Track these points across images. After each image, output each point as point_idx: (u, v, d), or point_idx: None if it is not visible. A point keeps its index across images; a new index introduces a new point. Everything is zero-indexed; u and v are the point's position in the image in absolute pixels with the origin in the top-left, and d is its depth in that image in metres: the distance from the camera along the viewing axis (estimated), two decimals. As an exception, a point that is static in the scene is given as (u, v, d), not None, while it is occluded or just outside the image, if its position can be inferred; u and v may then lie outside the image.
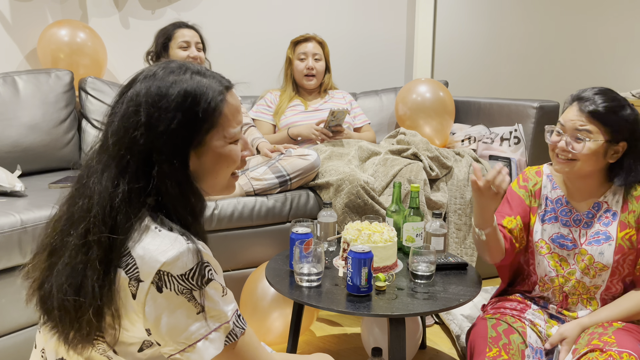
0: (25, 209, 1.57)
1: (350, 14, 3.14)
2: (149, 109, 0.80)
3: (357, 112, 2.70)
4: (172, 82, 0.83)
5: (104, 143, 0.83)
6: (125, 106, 0.82)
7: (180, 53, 2.26)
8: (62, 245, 0.80)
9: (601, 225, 1.35)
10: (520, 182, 1.49)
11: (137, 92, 0.82)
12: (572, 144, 1.29)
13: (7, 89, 2.10)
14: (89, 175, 0.82)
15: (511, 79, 3.43)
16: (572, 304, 1.40)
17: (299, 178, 2.05)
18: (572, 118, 1.30)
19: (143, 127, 0.80)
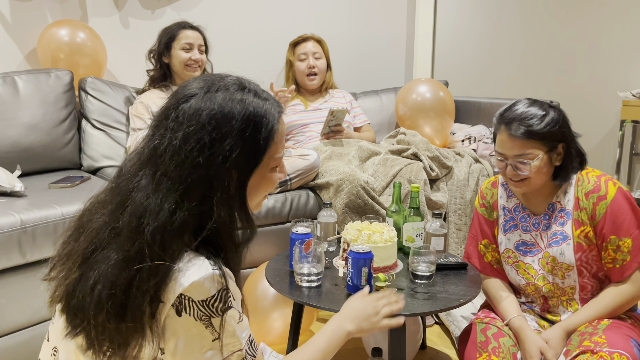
0: (25, 209, 1.57)
1: (350, 14, 3.14)
2: (212, 132, 0.77)
3: (357, 112, 2.70)
4: (235, 104, 0.80)
5: (157, 160, 0.78)
6: (186, 124, 0.78)
7: (183, 55, 2.26)
8: (101, 259, 0.76)
9: (557, 226, 1.36)
10: (480, 201, 1.52)
11: (198, 109, 0.79)
12: (518, 168, 1.30)
13: (7, 89, 2.10)
14: (136, 189, 0.78)
15: (511, 79, 3.43)
16: (553, 307, 1.40)
17: (299, 178, 2.05)
18: (507, 147, 1.30)
19: (206, 151, 0.77)
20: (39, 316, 1.59)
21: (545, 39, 3.34)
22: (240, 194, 0.81)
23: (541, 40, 3.35)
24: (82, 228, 0.83)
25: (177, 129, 0.78)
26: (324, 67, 2.57)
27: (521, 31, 3.38)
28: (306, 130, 2.47)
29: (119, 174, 0.83)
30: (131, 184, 0.79)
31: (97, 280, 0.75)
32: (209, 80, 0.83)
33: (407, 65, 3.34)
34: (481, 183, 2.26)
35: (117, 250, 0.75)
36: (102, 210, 0.81)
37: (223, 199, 0.78)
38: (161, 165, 0.77)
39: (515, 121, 1.28)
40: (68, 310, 0.79)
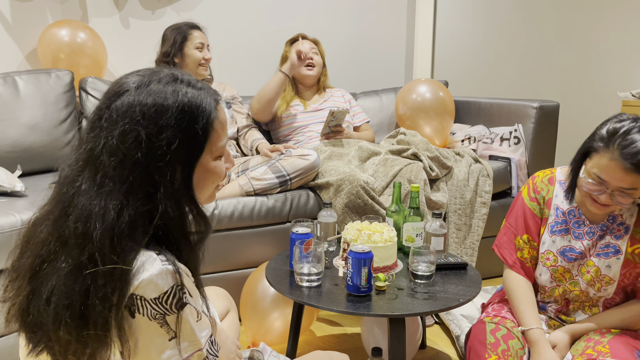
0: (26, 209, 1.57)
1: (350, 14, 3.14)
2: (148, 126, 0.75)
3: (356, 111, 2.70)
4: (168, 95, 0.78)
5: (95, 162, 0.75)
6: (121, 122, 0.75)
7: (197, 54, 2.28)
8: (51, 272, 0.73)
9: (612, 238, 1.29)
10: (530, 194, 1.41)
11: (130, 104, 0.76)
12: (617, 199, 1.18)
13: (8, 89, 2.10)
14: (77, 194, 0.75)
15: (511, 79, 3.43)
16: (572, 310, 1.38)
17: (299, 178, 2.05)
18: (616, 177, 1.15)
19: (144, 147, 0.75)
20: (40, 316, 1.59)
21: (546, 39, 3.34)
22: (186, 187, 0.79)
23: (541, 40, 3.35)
24: (27, 242, 0.80)
25: (111, 127, 0.76)
26: (320, 63, 2.58)
27: (521, 31, 3.38)
28: (306, 130, 2.48)
29: (58, 181, 0.80)
30: (72, 189, 0.76)
31: (51, 293, 0.72)
32: (141, 75, 0.81)
33: (407, 65, 3.34)
34: (481, 183, 2.26)
35: (66, 259, 0.72)
36: (46, 221, 0.78)
37: (168, 194, 0.76)
38: (100, 167, 0.75)
39: (637, 155, 1.11)
40: (25, 328, 0.76)
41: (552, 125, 2.41)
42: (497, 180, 2.34)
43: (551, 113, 2.39)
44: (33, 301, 0.74)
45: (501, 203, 2.37)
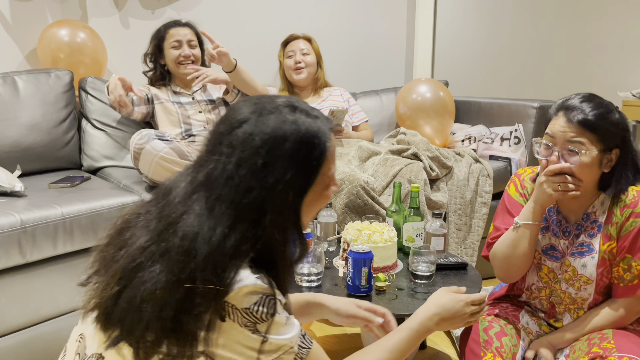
0: (25, 209, 1.57)
1: (350, 13, 3.14)
2: (266, 156, 0.77)
3: (355, 110, 2.69)
4: (287, 126, 0.79)
5: (210, 185, 0.78)
6: (239, 149, 0.78)
7: (173, 53, 2.27)
8: (147, 279, 0.75)
9: (586, 237, 1.29)
10: (519, 189, 1.41)
11: (251, 134, 0.78)
12: (566, 159, 1.21)
13: (7, 89, 2.10)
14: (187, 213, 0.78)
15: (511, 79, 3.43)
16: (559, 314, 1.37)
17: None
18: (561, 129, 1.21)
19: (260, 175, 0.77)
20: (39, 316, 1.59)
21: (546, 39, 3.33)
22: (294, 214, 0.82)
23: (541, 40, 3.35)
24: (122, 242, 0.82)
25: (230, 154, 0.78)
26: (313, 62, 2.56)
27: (521, 31, 3.38)
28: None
29: (167, 193, 0.83)
30: (183, 206, 0.79)
31: (144, 299, 0.74)
32: (259, 103, 0.83)
33: (407, 65, 3.34)
34: (481, 183, 2.25)
35: (166, 272, 0.74)
36: (147, 227, 0.81)
37: (277, 221, 0.79)
38: (215, 190, 0.78)
39: (578, 108, 1.20)
40: (107, 323, 0.78)
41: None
42: (498, 180, 2.34)
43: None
44: (121, 301, 0.76)
45: (501, 203, 2.37)
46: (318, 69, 2.60)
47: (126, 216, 0.87)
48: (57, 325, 1.63)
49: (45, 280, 1.59)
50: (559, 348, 1.31)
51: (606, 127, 1.19)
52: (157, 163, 1.80)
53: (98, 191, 1.81)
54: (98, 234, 1.67)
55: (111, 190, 1.84)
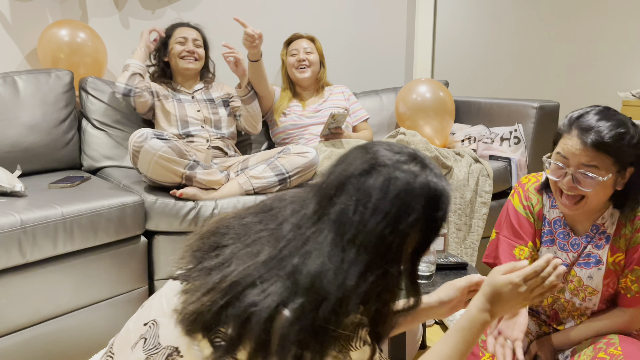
0: (25, 209, 1.57)
1: (350, 13, 3.14)
2: (400, 207, 0.78)
3: (356, 108, 2.69)
4: (420, 181, 0.80)
5: (343, 226, 0.79)
6: (375, 196, 0.78)
7: (177, 47, 2.30)
8: (255, 300, 0.76)
9: (593, 248, 1.26)
10: (523, 202, 1.36)
11: (386, 181, 0.79)
12: (579, 181, 1.15)
13: (7, 89, 2.10)
14: (313, 250, 0.78)
15: (511, 79, 3.43)
16: (563, 319, 1.36)
17: (297, 175, 2.05)
18: (575, 152, 1.14)
19: (392, 224, 0.78)
20: (39, 316, 1.59)
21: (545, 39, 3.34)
22: (413, 265, 0.84)
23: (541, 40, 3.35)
24: (216, 246, 0.84)
25: (364, 199, 0.79)
26: (316, 61, 2.57)
27: (521, 31, 3.38)
28: (305, 132, 2.47)
29: (274, 214, 0.85)
30: (304, 238, 0.79)
31: (257, 323, 0.75)
32: (395, 152, 0.83)
33: (407, 65, 3.34)
34: (481, 183, 2.25)
35: (278, 301, 0.75)
36: (257, 246, 0.82)
37: (399, 271, 0.82)
38: (347, 233, 0.78)
39: (593, 130, 1.12)
40: (210, 335, 0.79)
41: (552, 125, 2.41)
42: (497, 180, 2.34)
43: (551, 113, 2.39)
44: (231, 317, 0.77)
45: (501, 203, 2.37)
46: (321, 69, 2.61)
47: (222, 221, 0.88)
48: (57, 325, 1.63)
49: (46, 280, 1.59)
50: (560, 350, 1.31)
51: (622, 149, 1.13)
52: (156, 162, 1.80)
53: (98, 191, 1.81)
54: (98, 233, 1.68)
55: (111, 190, 1.84)
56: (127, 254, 1.78)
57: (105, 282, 1.73)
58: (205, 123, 2.29)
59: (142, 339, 0.88)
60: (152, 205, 1.82)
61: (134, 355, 0.88)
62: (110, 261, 1.73)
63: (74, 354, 1.68)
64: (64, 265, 1.62)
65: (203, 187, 1.92)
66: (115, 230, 1.72)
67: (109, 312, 1.75)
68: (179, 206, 1.84)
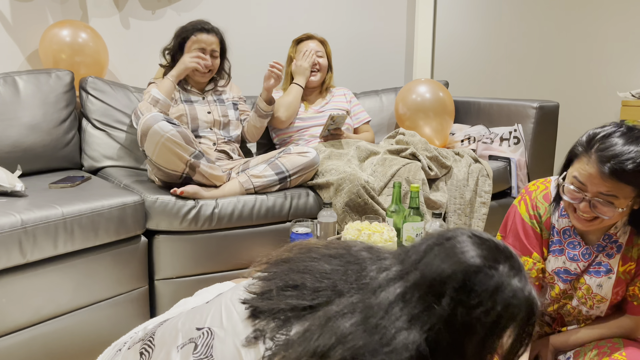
0: (26, 209, 1.57)
1: (350, 13, 3.15)
2: (502, 317, 0.74)
3: (357, 111, 2.69)
4: (522, 294, 0.76)
5: (433, 318, 0.75)
6: (475, 300, 0.74)
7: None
8: (325, 333, 0.76)
9: (604, 257, 1.23)
10: (530, 211, 1.32)
11: (496, 289, 0.75)
12: (597, 207, 1.11)
13: (8, 89, 2.11)
14: (399, 324, 0.75)
15: (511, 79, 3.43)
16: (568, 323, 1.35)
17: (298, 175, 2.05)
18: (593, 181, 1.09)
19: (484, 326, 0.74)
20: (39, 316, 1.59)
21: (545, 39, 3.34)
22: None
23: (541, 40, 3.35)
24: (301, 282, 0.83)
25: (466, 302, 0.75)
26: (326, 66, 2.57)
27: (521, 31, 3.38)
28: (306, 133, 2.48)
29: (360, 267, 0.83)
30: (390, 313, 0.77)
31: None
32: (471, 250, 0.78)
33: (407, 65, 3.34)
34: (481, 183, 2.26)
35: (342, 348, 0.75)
36: (354, 317, 0.79)
37: None
38: (437, 324, 0.75)
39: (614, 159, 1.05)
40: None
41: (551, 125, 2.41)
42: (497, 180, 2.34)
43: (551, 113, 2.40)
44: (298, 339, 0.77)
45: (501, 203, 2.37)
46: (328, 73, 2.61)
47: (298, 252, 0.89)
48: (58, 325, 1.63)
49: (46, 280, 1.59)
50: (561, 351, 1.30)
51: None
52: (163, 144, 1.79)
53: (99, 191, 1.82)
54: (99, 233, 1.68)
55: (112, 190, 1.85)
56: (128, 253, 1.78)
57: (106, 282, 1.73)
58: (214, 125, 2.28)
59: (192, 344, 0.87)
60: (153, 205, 1.83)
61: (181, 356, 0.87)
62: (110, 261, 1.73)
63: (75, 354, 1.68)
64: (64, 265, 1.63)
65: (205, 181, 1.92)
66: (116, 230, 1.72)
67: (110, 312, 1.75)
68: (179, 205, 1.84)
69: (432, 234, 0.85)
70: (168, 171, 1.87)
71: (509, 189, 2.43)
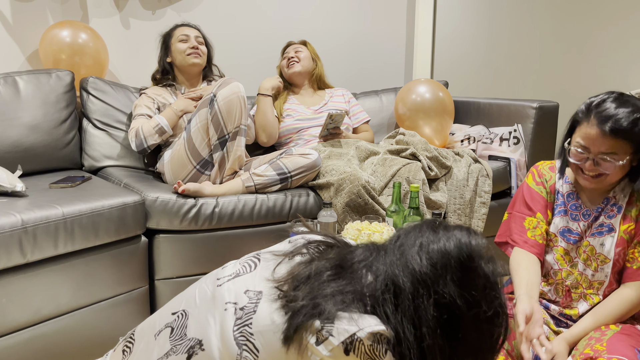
0: (26, 209, 1.57)
1: (350, 14, 3.15)
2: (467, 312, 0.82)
3: (356, 111, 2.70)
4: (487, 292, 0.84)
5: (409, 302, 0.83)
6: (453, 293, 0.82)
7: (180, 46, 2.30)
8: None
9: (606, 218, 1.34)
10: (536, 179, 1.47)
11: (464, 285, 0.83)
12: (601, 164, 1.26)
13: (8, 89, 2.11)
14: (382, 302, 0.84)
15: (511, 79, 3.43)
16: (574, 300, 1.38)
17: (299, 176, 2.05)
18: (595, 141, 1.24)
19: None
20: (40, 316, 1.59)
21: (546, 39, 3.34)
22: None
23: (541, 40, 3.35)
24: (305, 275, 0.89)
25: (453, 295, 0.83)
26: (306, 57, 2.60)
27: (521, 31, 3.38)
28: (305, 133, 2.48)
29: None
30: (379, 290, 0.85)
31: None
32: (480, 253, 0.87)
33: (407, 65, 3.34)
34: (480, 183, 2.26)
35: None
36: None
37: None
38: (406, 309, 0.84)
39: (612, 118, 1.22)
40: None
41: (551, 125, 2.41)
42: (497, 180, 2.34)
43: (551, 113, 2.40)
44: None
45: (501, 203, 2.37)
46: (314, 66, 2.62)
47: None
48: (58, 325, 1.63)
49: (46, 280, 1.59)
50: (574, 343, 1.30)
51: (639, 131, 1.22)
52: (232, 101, 1.94)
53: (99, 191, 1.82)
54: (99, 233, 1.68)
55: (112, 190, 1.85)
56: (128, 253, 1.78)
57: (106, 282, 1.73)
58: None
59: (169, 328, 0.89)
60: (153, 204, 1.83)
61: (158, 343, 0.89)
62: (110, 261, 1.74)
63: (75, 354, 1.68)
64: (64, 265, 1.63)
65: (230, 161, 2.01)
66: (116, 230, 1.73)
67: (110, 311, 1.75)
68: (179, 204, 1.84)
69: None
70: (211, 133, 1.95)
71: (508, 189, 2.43)
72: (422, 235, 0.88)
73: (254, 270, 0.94)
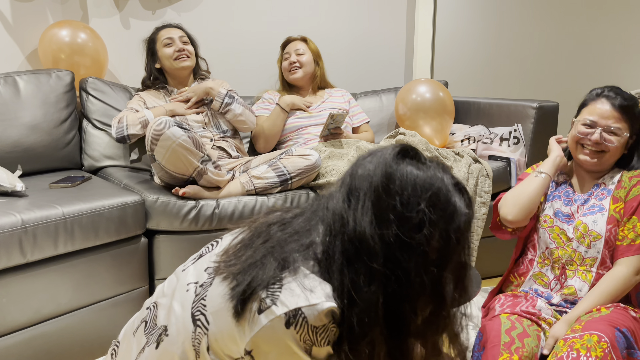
0: (26, 209, 1.57)
1: (350, 13, 3.15)
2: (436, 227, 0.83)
3: (356, 111, 2.70)
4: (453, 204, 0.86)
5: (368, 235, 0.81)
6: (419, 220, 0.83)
7: (167, 51, 2.27)
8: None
9: (596, 200, 1.46)
10: (534, 169, 1.59)
11: (417, 189, 0.83)
12: (606, 137, 1.41)
13: (8, 89, 2.11)
14: (321, 220, 0.86)
15: (511, 79, 3.43)
16: (569, 277, 1.43)
17: (299, 177, 2.05)
18: (605, 114, 1.41)
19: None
20: (40, 316, 1.59)
21: (545, 39, 3.34)
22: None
23: (541, 40, 3.35)
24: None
25: (412, 217, 0.85)
26: (308, 61, 2.57)
27: (521, 31, 3.38)
28: (304, 133, 2.48)
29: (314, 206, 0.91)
30: (326, 218, 0.87)
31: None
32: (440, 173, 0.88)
33: (407, 65, 3.34)
34: (480, 183, 2.27)
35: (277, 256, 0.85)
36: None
37: None
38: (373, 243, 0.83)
39: (619, 97, 1.41)
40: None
41: (551, 125, 2.41)
42: (497, 180, 2.34)
43: (551, 113, 2.40)
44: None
45: (501, 203, 2.37)
46: (316, 68, 2.61)
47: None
48: (58, 325, 1.63)
49: (46, 280, 1.59)
50: None
51: (637, 116, 1.43)
52: (174, 150, 1.79)
53: (99, 191, 1.82)
54: (99, 233, 1.68)
55: (112, 190, 1.85)
56: (128, 253, 1.79)
57: (106, 282, 1.73)
58: (207, 125, 2.29)
59: (143, 323, 0.89)
60: (153, 205, 1.83)
61: (136, 340, 0.89)
62: (110, 261, 1.74)
63: (75, 354, 1.68)
64: (64, 265, 1.63)
65: (209, 184, 1.92)
66: (116, 230, 1.73)
67: (110, 311, 1.75)
68: (179, 205, 1.84)
69: None
70: (176, 175, 1.87)
71: (508, 189, 2.43)
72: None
73: (214, 248, 0.95)
